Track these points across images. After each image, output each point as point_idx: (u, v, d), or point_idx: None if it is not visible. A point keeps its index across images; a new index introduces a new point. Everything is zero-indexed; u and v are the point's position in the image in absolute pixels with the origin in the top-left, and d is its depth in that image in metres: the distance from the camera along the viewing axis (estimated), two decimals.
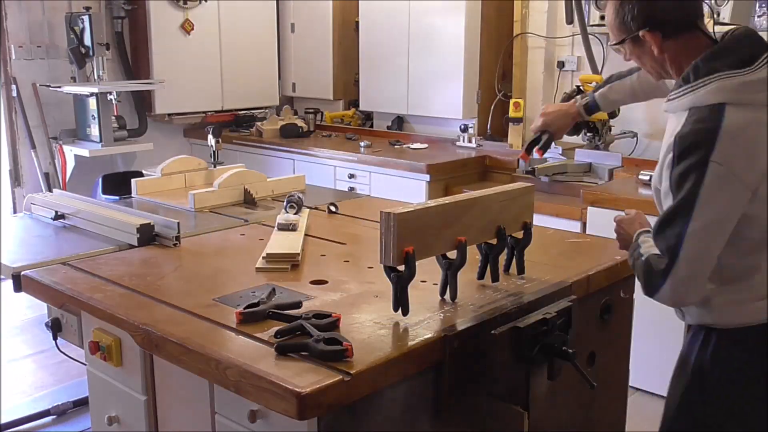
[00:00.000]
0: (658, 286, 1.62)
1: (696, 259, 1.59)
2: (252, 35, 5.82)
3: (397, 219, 1.68)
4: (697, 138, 1.56)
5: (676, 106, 1.67)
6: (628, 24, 1.71)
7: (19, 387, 3.71)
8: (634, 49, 1.74)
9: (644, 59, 1.76)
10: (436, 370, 1.69)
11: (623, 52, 1.79)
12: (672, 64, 1.71)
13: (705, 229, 1.57)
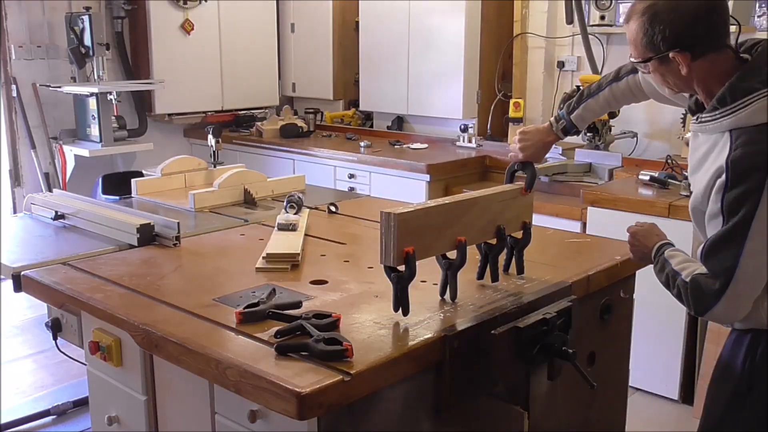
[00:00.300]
0: (710, 306, 1.63)
1: (752, 280, 1.61)
2: (252, 35, 5.82)
3: (397, 219, 1.68)
4: (753, 162, 1.57)
5: (714, 128, 1.66)
6: (657, 44, 1.67)
7: (19, 387, 3.71)
8: (659, 67, 1.71)
9: (668, 77, 1.73)
10: (436, 370, 1.69)
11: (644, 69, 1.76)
12: (699, 83, 1.70)
13: (762, 250, 1.58)
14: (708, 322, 3.32)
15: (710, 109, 1.67)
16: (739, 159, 1.58)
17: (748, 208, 1.56)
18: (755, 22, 3.96)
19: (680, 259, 1.75)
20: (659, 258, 1.80)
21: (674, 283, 1.72)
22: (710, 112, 1.67)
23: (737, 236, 1.58)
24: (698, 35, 1.64)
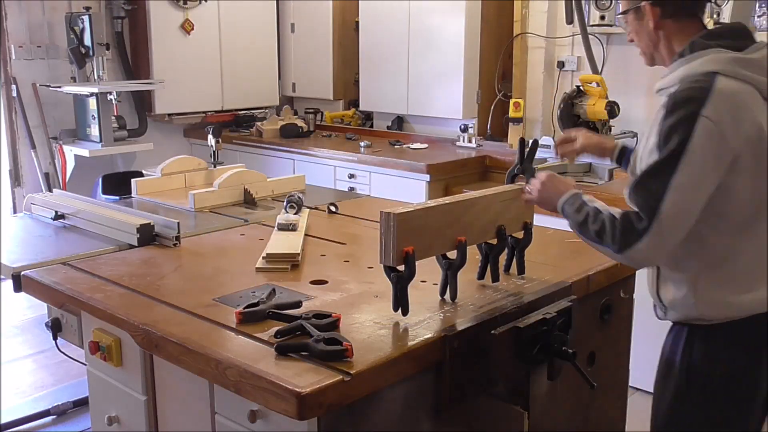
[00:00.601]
0: (633, 242, 1.60)
1: (678, 215, 1.58)
2: (252, 35, 5.82)
3: (396, 219, 1.68)
4: (690, 94, 1.59)
5: (670, 80, 1.70)
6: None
7: (19, 387, 3.71)
8: (634, 22, 1.79)
9: (641, 35, 1.80)
10: (436, 370, 1.69)
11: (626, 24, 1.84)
12: (665, 45, 1.76)
13: (690, 183, 1.57)
14: None
15: (670, 64, 1.74)
16: (679, 91, 1.62)
17: (679, 138, 1.56)
18: (755, 22, 3.96)
19: (603, 203, 1.75)
20: (577, 200, 1.77)
21: (597, 219, 1.68)
22: (670, 66, 1.73)
23: (666, 168, 1.58)
24: None
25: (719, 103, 1.57)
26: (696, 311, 1.72)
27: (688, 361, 1.75)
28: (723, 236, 1.67)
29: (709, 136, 1.56)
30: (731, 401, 1.74)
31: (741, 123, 1.59)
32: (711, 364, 1.73)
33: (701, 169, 1.57)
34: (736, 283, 1.68)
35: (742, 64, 1.63)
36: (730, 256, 1.68)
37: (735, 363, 1.72)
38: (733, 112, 1.58)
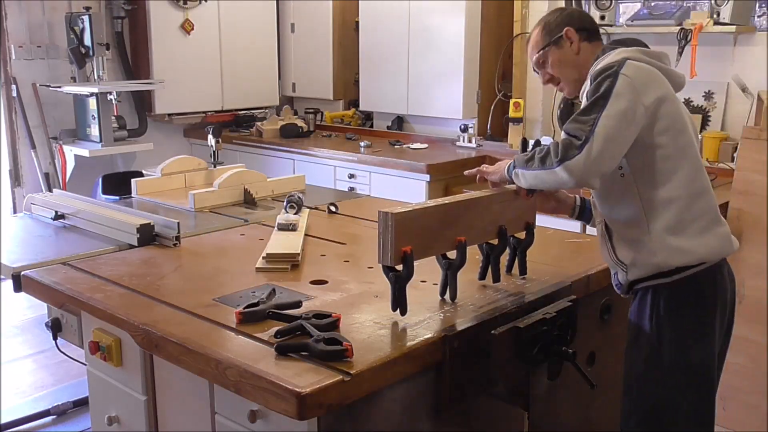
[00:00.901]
0: (572, 155, 1.77)
1: (609, 136, 1.77)
2: (252, 35, 5.82)
3: (394, 219, 1.68)
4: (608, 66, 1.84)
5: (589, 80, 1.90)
6: (552, 30, 2.03)
7: (19, 387, 3.71)
8: (556, 53, 2.03)
9: (564, 65, 2.03)
10: (436, 370, 1.69)
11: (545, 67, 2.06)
12: (585, 67, 1.98)
13: (617, 113, 1.78)
14: None
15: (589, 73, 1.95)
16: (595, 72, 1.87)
17: (606, 86, 1.80)
18: (755, 22, 3.96)
19: None
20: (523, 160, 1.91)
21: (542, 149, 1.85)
22: None
23: (597, 105, 1.79)
24: (584, 21, 2.07)
25: (632, 70, 1.83)
26: (656, 258, 1.87)
27: (656, 321, 1.88)
28: (657, 187, 1.86)
29: (629, 85, 1.80)
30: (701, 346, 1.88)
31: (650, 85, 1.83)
32: (679, 317, 1.87)
33: (626, 106, 1.78)
34: (683, 230, 1.86)
35: (646, 53, 1.90)
36: (668, 206, 1.86)
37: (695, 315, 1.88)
38: (642, 77, 1.83)
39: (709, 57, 4.00)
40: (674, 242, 1.86)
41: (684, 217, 1.87)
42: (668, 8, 4.11)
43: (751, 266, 3.26)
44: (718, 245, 1.91)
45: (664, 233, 1.86)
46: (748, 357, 3.22)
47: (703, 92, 4.13)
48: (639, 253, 1.90)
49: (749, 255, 3.27)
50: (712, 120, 4.12)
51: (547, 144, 1.87)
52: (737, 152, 3.49)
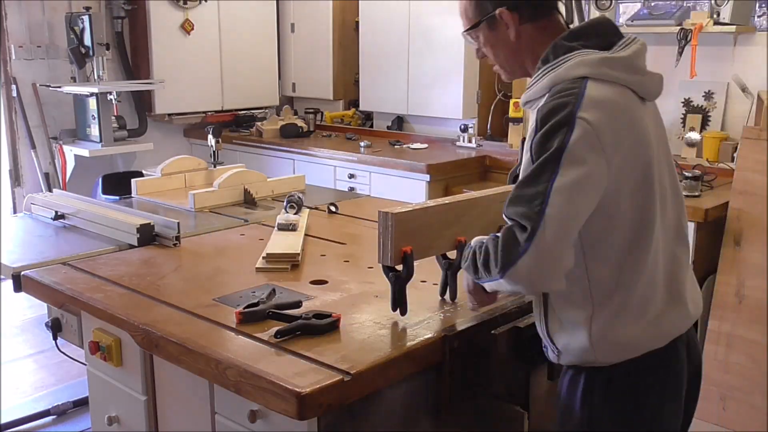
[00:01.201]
0: (517, 257, 1.37)
1: (563, 219, 1.37)
2: (252, 35, 5.82)
3: (394, 219, 1.68)
4: (563, 101, 1.41)
5: (536, 91, 1.51)
6: (483, 4, 1.61)
7: (19, 387, 3.71)
8: (489, 35, 1.61)
9: (498, 48, 1.61)
10: (436, 370, 1.69)
11: (476, 42, 1.65)
12: (529, 52, 1.57)
13: (573, 184, 1.37)
14: (708, 322, 3.32)
15: (534, 72, 1.54)
16: (546, 104, 1.44)
17: (557, 142, 1.37)
18: (755, 22, 3.96)
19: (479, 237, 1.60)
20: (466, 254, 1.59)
21: (480, 251, 1.49)
22: (535, 75, 1.53)
23: (546, 171, 1.37)
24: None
25: (593, 108, 1.40)
26: (594, 355, 1.52)
27: (589, 409, 1.55)
28: (609, 268, 1.48)
29: (588, 138, 1.38)
30: None
31: (620, 131, 1.42)
32: (613, 411, 1.54)
33: (585, 170, 1.38)
34: (629, 319, 1.50)
35: (610, 64, 1.47)
36: (620, 289, 1.49)
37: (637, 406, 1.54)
38: (606, 117, 1.41)
39: (709, 57, 4.00)
40: (620, 336, 1.50)
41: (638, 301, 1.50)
42: (668, 8, 4.11)
43: (751, 266, 3.26)
44: (671, 328, 1.55)
45: (610, 325, 1.50)
46: (748, 357, 3.22)
47: (703, 92, 4.13)
48: (574, 342, 1.53)
49: (749, 255, 3.27)
50: (712, 120, 4.12)
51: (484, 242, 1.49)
52: (737, 152, 3.49)
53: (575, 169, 1.37)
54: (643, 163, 1.47)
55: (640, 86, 1.51)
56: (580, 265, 1.47)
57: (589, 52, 1.48)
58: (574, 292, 1.50)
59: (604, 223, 1.45)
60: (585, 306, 1.51)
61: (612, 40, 1.52)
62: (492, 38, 1.61)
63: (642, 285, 1.50)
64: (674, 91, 4.13)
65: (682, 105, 4.18)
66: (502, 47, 1.61)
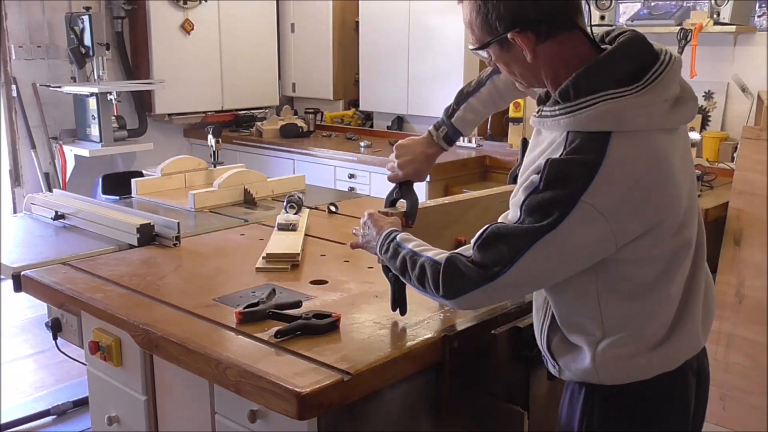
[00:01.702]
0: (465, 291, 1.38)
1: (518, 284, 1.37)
2: (252, 35, 5.82)
3: None
4: (572, 170, 1.28)
5: (552, 125, 1.38)
6: (492, 23, 1.38)
7: (19, 387, 3.71)
8: (502, 54, 1.42)
9: (513, 66, 1.44)
10: (436, 370, 1.69)
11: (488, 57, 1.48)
12: (547, 70, 1.40)
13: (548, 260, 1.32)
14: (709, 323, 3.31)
15: (551, 103, 1.38)
16: (559, 162, 1.30)
17: (550, 220, 1.28)
18: (755, 22, 3.96)
19: (417, 242, 1.55)
20: (390, 243, 1.56)
21: (415, 265, 1.47)
22: (551, 106, 1.38)
23: (526, 239, 1.30)
24: (543, 11, 1.33)
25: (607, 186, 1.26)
26: (597, 377, 1.46)
27: (587, 428, 1.49)
28: (622, 303, 1.41)
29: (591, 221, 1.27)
30: None
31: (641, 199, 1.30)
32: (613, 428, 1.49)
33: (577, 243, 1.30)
34: (641, 345, 1.43)
35: (640, 112, 1.30)
36: (638, 321, 1.42)
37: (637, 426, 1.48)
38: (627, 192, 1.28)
39: (709, 57, 4.01)
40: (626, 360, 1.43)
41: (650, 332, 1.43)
42: (668, 8, 4.11)
43: (751, 266, 3.26)
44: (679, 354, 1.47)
45: (618, 351, 1.43)
46: (748, 357, 3.22)
47: (703, 92, 4.13)
48: (576, 361, 1.48)
49: (749, 255, 3.27)
50: (712, 120, 4.12)
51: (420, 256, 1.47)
52: (737, 152, 3.49)
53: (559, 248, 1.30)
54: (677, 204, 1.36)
55: (670, 122, 1.35)
56: (593, 304, 1.41)
57: (616, 94, 1.30)
58: (583, 317, 1.44)
59: (632, 265, 1.37)
60: (593, 333, 1.44)
61: (644, 63, 1.33)
62: (505, 57, 1.42)
63: (658, 318, 1.43)
64: None
65: None
66: (516, 65, 1.43)
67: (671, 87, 1.35)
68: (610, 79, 1.32)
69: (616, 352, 1.43)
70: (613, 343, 1.43)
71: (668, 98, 1.34)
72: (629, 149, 1.29)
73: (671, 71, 1.34)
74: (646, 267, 1.38)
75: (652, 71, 1.33)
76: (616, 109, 1.30)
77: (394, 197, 1.83)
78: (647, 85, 1.31)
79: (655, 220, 1.32)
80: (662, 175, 1.32)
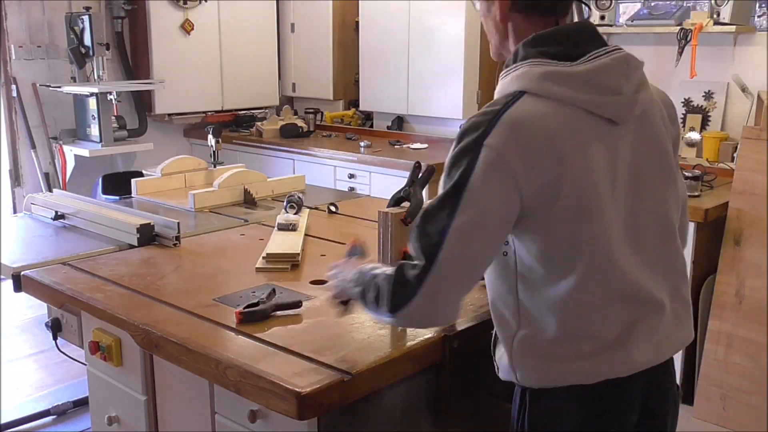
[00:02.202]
0: (409, 298, 1.32)
1: (458, 261, 1.31)
2: (252, 35, 5.82)
3: (394, 219, 1.68)
4: (479, 119, 1.33)
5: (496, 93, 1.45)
6: None
7: (19, 387, 3.71)
8: (484, 7, 1.51)
9: (488, 23, 1.52)
10: (436, 370, 1.69)
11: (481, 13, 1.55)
12: (512, 41, 1.47)
13: (472, 224, 1.29)
14: (708, 322, 3.32)
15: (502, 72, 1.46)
16: (470, 117, 1.36)
17: (461, 171, 1.29)
18: (755, 22, 3.96)
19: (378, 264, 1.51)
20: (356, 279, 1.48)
21: (370, 286, 1.41)
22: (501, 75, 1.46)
23: (446, 207, 1.30)
24: None
25: (506, 130, 1.29)
26: (514, 375, 1.45)
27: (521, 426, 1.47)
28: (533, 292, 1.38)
29: (492, 164, 1.27)
30: None
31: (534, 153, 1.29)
32: None
33: (486, 207, 1.29)
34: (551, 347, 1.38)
35: (556, 79, 1.33)
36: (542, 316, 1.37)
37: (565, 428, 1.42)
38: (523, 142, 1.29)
39: (709, 57, 4.01)
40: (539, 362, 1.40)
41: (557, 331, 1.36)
42: (668, 8, 4.11)
43: (751, 266, 3.26)
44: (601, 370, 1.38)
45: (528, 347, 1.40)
46: (748, 357, 3.22)
47: (703, 92, 4.13)
48: (502, 358, 1.47)
49: (749, 255, 3.27)
50: (712, 120, 4.12)
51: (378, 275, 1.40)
52: (737, 152, 3.49)
53: (475, 206, 1.28)
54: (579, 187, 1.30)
55: (596, 105, 1.34)
56: (509, 276, 1.40)
57: (540, 63, 1.35)
58: (504, 313, 1.43)
59: (534, 250, 1.34)
60: (509, 326, 1.42)
61: (585, 49, 1.37)
62: (484, 9, 1.51)
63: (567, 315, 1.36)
64: (674, 91, 4.12)
65: (682, 105, 4.18)
66: (491, 24, 1.51)
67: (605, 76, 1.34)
68: (541, 51, 1.37)
69: (527, 349, 1.40)
70: (525, 337, 1.40)
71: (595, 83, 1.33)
72: (535, 107, 1.32)
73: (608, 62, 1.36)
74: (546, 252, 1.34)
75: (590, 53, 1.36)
76: (533, 72, 1.35)
77: (401, 196, 1.81)
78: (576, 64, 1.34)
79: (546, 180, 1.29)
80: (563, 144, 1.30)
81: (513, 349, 1.42)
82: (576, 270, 1.33)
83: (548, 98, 1.33)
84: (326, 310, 1.78)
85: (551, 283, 1.35)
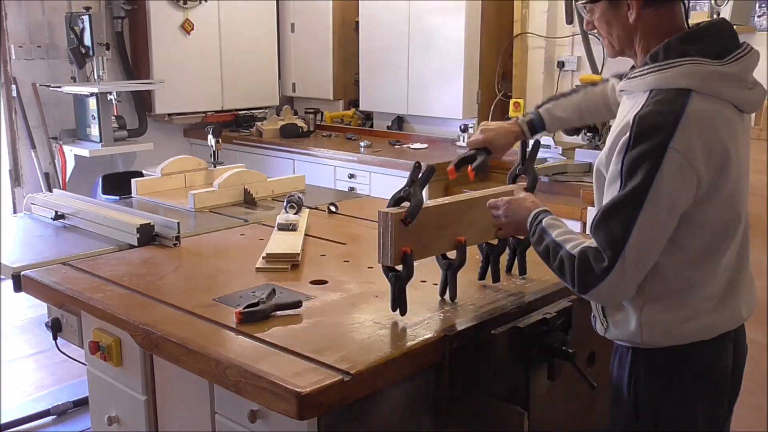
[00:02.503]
0: (595, 283, 1.48)
1: (642, 255, 1.47)
2: (252, 35, 5.82)
3: (394, 219, 1.68)
4: (659, 120, 1.43)
5: (637, 85, 1.53)
6: None
7: (19, 387, 3.71)
8: (607, 12, 1.57)
9: (613, 27, 1.57)
10: (436, 370, 1.69)
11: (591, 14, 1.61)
12: (642, 39, 1.55)
13: (655, 221, 1.44)
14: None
15: (641, 65, 1.54)
16: (645, 115, 1.44)
17: (646, 172, 1.41)
18: (755, 22, 3.96)
19: (561, 230, 1.60)
20: (536, 227, 1.64)
21: (556, 256, 1.56)
22: (640, 68, 1.54)
23: (631, 204, 1.43)
24: None
25: (689, 130, 1.42)
26: (638, 336, 1.59)
27: (635, 390, 1.62)
28: (680, 270, 1.54)
29: (680, 169, 1.42)
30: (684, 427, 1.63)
31: (711, 152, 1.45)
32: (660, 395, 1.60)
33: (669, 207, 1.44)
34: (683, 313, 1.56)
35: (720, 80, 1.47)
36: (685, 288, 1.56)
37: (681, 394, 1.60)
38: (704, 140, 1.43)
39: None
40: (668, 326, 1.57)
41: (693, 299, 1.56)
42: None
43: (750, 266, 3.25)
44: (720, 324, 1.60)
45: (662, 314, 1.57)
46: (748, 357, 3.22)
47: None
48: (622, 322, 1.62)
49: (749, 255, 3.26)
50: None
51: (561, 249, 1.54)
52: None
53: (663, 204, 1.43)
54: (734, 177, 1.51)
55: (743, 101, 1.52)
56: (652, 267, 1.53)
57: (701, 61, 1.46)
58: None
59: (686, 230, 1.50)
60: (643, 294, 1.55)
61: (728, 47, 1.50)
62: (609, 16, 1.57)
63: (704, 287, 1.56)
64: None
65: None
66: (617, 26, 1.57)
67: (748, 72, 1.51)
68: (697, 49, 1.48)
69: (658, 317, 1.56)
70: (657, 308, 1.56)
71: (743, 81, 1.50)
72: (705, 106, 1.44)
73: (750, 58, 1.51)
74: (701, 235, 1.51)
75: (734, 53, 1.49)
76: (699, 71, 1.46)
77: (401, 196, 1.81)
78: (728, 63, 1.48)
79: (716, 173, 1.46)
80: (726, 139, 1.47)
81: (642, 316, 1.57)
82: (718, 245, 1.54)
83: (714, 97, 1.46)
84: (326, 310, 1.78)
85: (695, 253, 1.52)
